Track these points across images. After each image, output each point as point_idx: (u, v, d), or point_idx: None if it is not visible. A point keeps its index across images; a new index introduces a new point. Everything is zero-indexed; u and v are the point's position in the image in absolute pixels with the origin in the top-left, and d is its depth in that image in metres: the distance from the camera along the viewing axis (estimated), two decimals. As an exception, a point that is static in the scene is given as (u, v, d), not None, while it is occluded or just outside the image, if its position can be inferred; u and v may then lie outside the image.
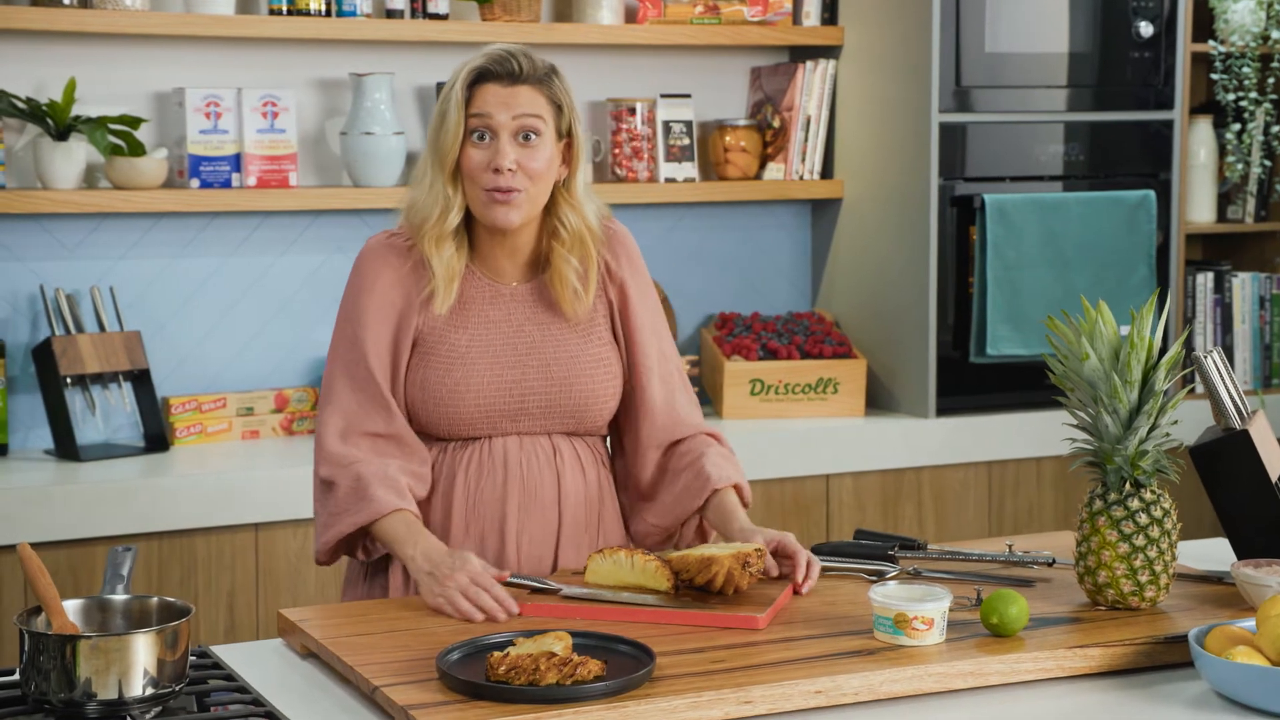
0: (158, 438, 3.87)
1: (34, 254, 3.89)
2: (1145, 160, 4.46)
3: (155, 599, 2.06)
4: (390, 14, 4.09)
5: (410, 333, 2.61)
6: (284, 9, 3.97)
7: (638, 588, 2.43)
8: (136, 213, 3.93)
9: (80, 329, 3.86)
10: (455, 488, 2.63)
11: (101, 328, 3.88)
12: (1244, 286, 4.68)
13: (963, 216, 4.28)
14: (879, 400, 4.41)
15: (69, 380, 3.80)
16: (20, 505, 3.48)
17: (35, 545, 3.46)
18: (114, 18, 3.80)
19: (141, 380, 3.90)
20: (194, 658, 2.19)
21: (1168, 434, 2.39)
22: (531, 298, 2.65)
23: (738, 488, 2.67)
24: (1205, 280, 4.65)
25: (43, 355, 3.80)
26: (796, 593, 2.49)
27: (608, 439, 2.78)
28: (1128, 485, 2.39)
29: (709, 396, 4.41)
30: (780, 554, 2.53)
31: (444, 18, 4.13)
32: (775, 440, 4.12)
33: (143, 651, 1.93)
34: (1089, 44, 4.37)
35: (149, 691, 1.94)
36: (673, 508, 2.69)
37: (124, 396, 3.89)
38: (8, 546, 3.46)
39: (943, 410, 4.28)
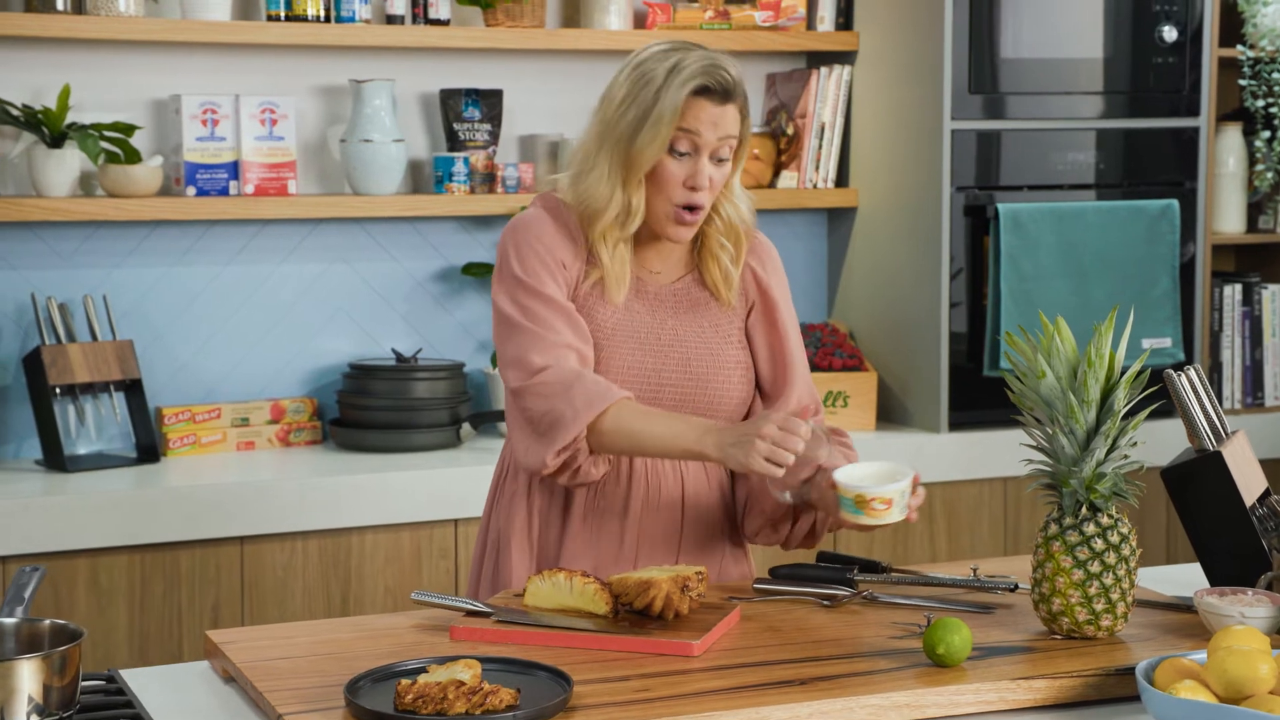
0: (149, 449, 3.83)
1: (28, 262, 3.87)
2: (1170, 169, 4.33)
3: (48, 622, 2.00)
4: (391, 19, 4.04)
5: (569, 290, 2.56)
6: (282, 15, 3.92)
7: (577, 611, 2.35)
8: (131, 221, 3.90)
9: (73, 338, 3.83)
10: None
11: (94, 337, 3.84)
12: (1274, 299, 4.54)
13: (977, 226, 4.18)
14: (891, 414, 4.31)
15: (58, 390, 3.77)
16: (3, 516, 3.44)
17: (15, 557, 3.44)
18: (109, 24, 3.77)
19: (134, 390, 3.86)
20: (100, 682, 2.13)
21: (1126, 456, 2.29)
22: (674, 296, 2.63)
23: None
24: (1233, 292, 4.51)
25: (32, 365, 3.77)
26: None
27: None
28: (1084, 509, 2.29)
29: (717, 409, 4.33)
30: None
31: (445, 23, 4.07)
32: (781, 454, 4.02)
33: (27, 678, 1.87)
34: (1111, 49, 4.25)
35: (33, 719, 1.88)
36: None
37: (115, 407, 3.85)
38: (-11, 558, 3.43)
39: (955, 425, 4.17)
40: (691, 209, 2.53)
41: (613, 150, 2.53)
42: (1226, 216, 4.55)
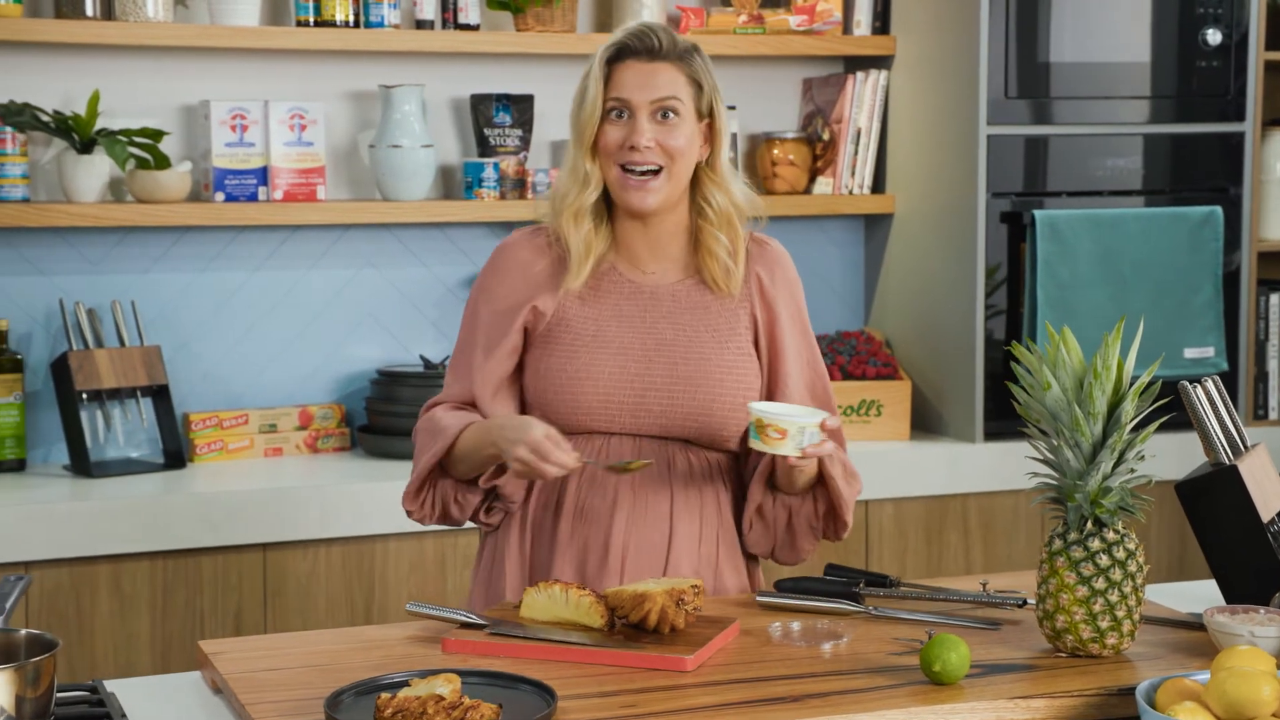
0: (176, 455, 3.83)
1: (57, 268, 3.87)
2: (1214, 174, 4.25)
3: (24, 632, 1.98)
4: (420, 25, 4.01)
5: (533, 318, 2.59)
6: (311, 21, 3.91)
7: (572, 624, 2.32)
8: (160, 226, 3.89)
9: (100, 344, 3.83)
10: (566, 491, 2.57)
11: (122, 343, 3.84)
12: (1322, 308, 4.44)
13: (1014, 233, 4.11)
14: (926, 423, 4.25)
15: (85, 396, 3.77)
16: (26, 522, 3.45)
17: (39, 563, 3.44)
18: (138, 30, 3.77)
19: (161, 396, 3.86)
20: (84, 692, 2.11)
21: (1134, 470, 2.23)
22: (672, 298, 2.60)
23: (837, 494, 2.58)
24: (1279, 301, 4.41)
25: (60, 370, 3.77)
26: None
27: (734, 464, 2.65)
28: (1089, 524, 2.23)
29: (749, 417, 4.29)
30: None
31: (475, 28, 4.05)
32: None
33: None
34: (1153, 53, 4.17)
35: (5, 729, 1.86)
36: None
37: (142, 412, 3.85)
38: (13, 564, 3.43)
39: (990, 435, 4.10)
40: (638, 172, 2.52)
41: (571, 131, 2.60)
42: (1272, 223, 4.45)
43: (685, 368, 2.55)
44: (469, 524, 2.66)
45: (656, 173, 2.53)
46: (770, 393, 2.62)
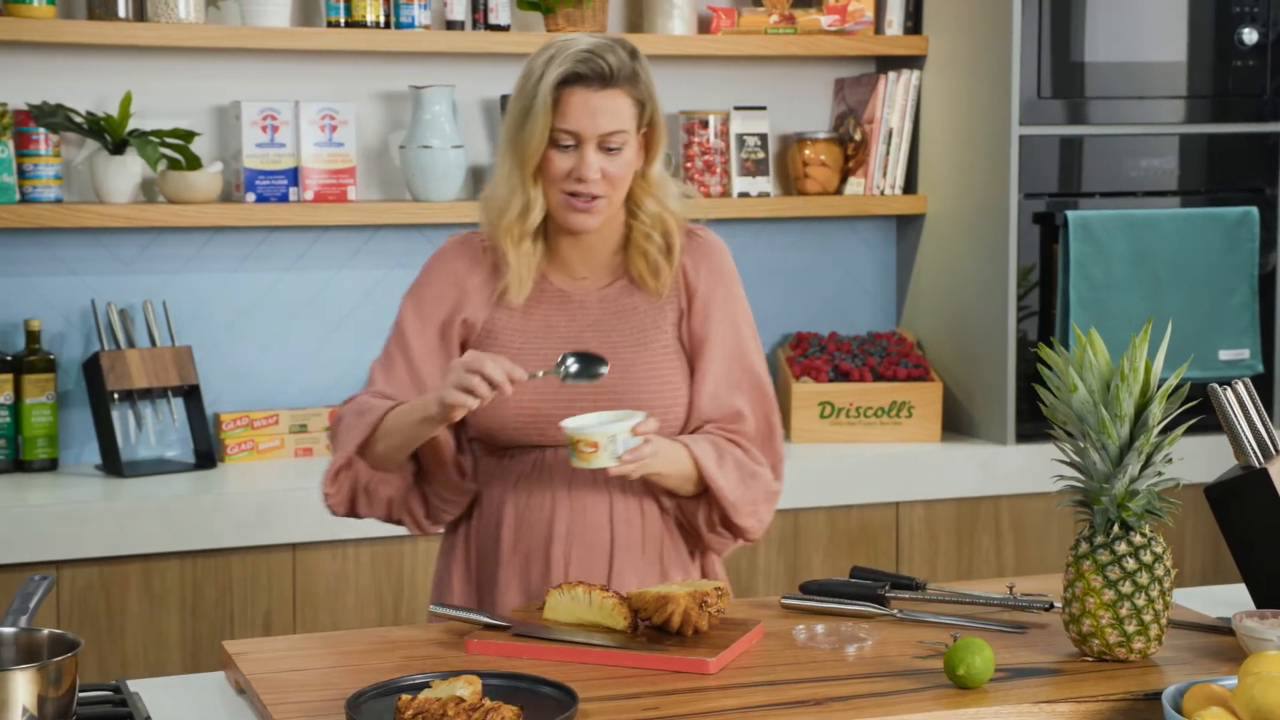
0: (207, 455, 3.84)
1: (89, 268, 3.89)
2: (1250, 174, 4.22)
3: (46, 632, 1.98)
4: (450, 25, 4.01)
5: (463, 330, 2.56)
6: (341, 21, 3.91)
7: (595, 625, 2.31)
8: (191, 227, 3.90)
9: (132, 344, 3.84)
10: (505, 504, 2.55)
11: (153, 343, 3.86)
12: (1359, 309, 4.40)
13: (1047, 234, 4.09)
14: (957, 425, 4.23)
15: (116, 396, 3.78)
16: (57, 521, 3.46)
17: (69, 562, 3.45)
18: (170, 31, 3.77)
19: (192, 396, 3.87)
20: (108, 692, 2.12)
21: (1161, 473, 2.21)
22: (600, 305, 2.57)
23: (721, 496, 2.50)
24: (1316, 302, 4.37)
25: (92, 370, 3.79)
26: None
27: None
28: (1115, 527, 2.21)
29: (780, 419, 4.28)
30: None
31: (505, 29, 4.04)
32: (843, 465, 3.96)
33: (21, 688, 1.86)
34: (1187, 52, 4.14)
35: (26, 729, 1.87)
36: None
37: (173, 412, 3.86)
38: (44, 563, 3.44)
39: (1022, 437, 4.08)
40: (583, 197, 2.47)
41: (508, 148, 2.52)
42: (1310, 224, 4.42)
43: (610, 378, 2.49)
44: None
45: (599, 196, 2.49)
46: (691, 385, 2.56)
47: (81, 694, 2.06)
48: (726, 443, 2.54)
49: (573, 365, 2.41)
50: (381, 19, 3.93)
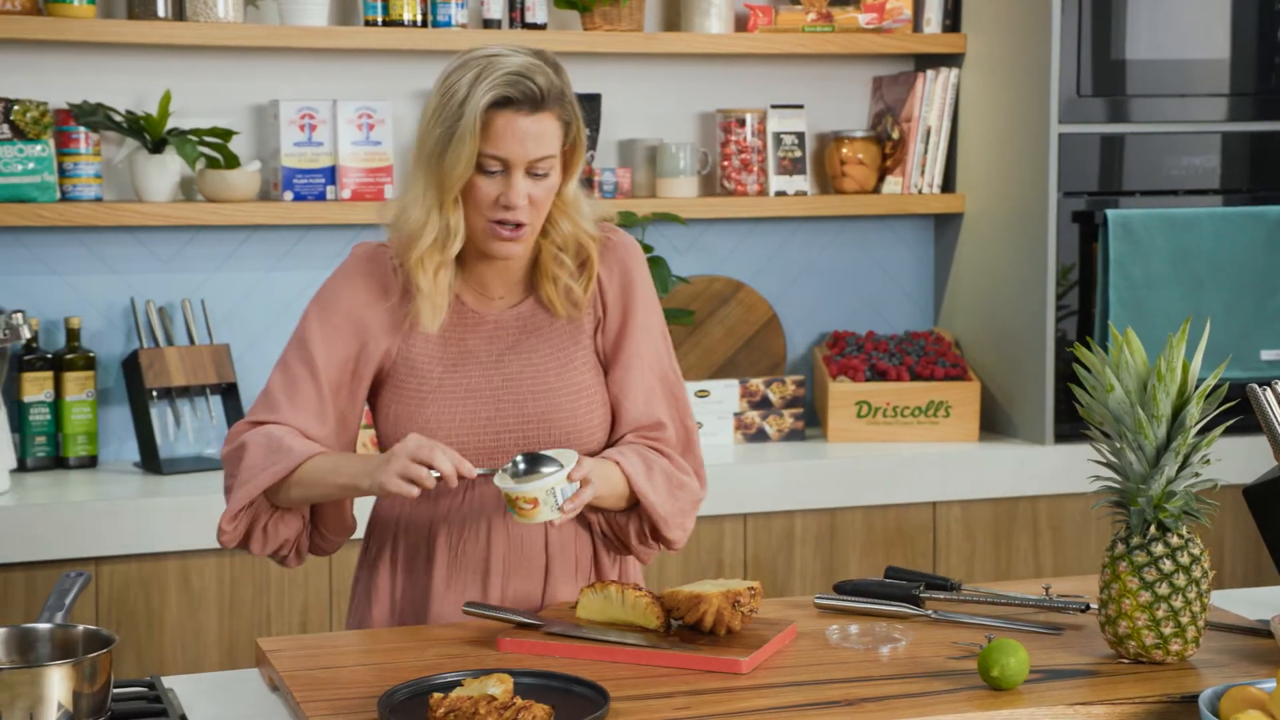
0: (244, 452, 3.85)
1: (129, 266, 3.91)
2: (1292, 173, 4.19)
3: (81, 628, 1.99)
4: (488, 24, 4.02)
5: (374, 358, 2.46)
6: (379, 20, 3.92)
7: (627, 624, 2.31)
8: (229, 225, 3.92)
9: (170, 342, 3.86)
10: (438, 535, 2.49)
11: (192, 341, 3.87)
12: (1402, 308, 4.36)
13: (1086, 233, 4.06)
14: (995, 425, 4.21)
15: (155, 393, 3.80)
16: (96, 518, 3.48)
17: (109, 559, 3.47)
18: (209, 31, 3.79)
19: (230, 394, 3.89)
20: (142, 689, 2.12)
21: (1198, 474, 2.19)
22: (516, 323, 2.49)
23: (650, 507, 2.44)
24: (1358, 301, 4.34)
25: (131, 368, 3.81)
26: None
27: None
28: (1152, 529, 2.20)
29: (817, 418, 4.26)
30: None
31: (542, 27, 4.05)
32: (880, 464, 3.94)
33: (56, 685, 1.87)
34: (1228, 50, 4.11)
35: (61, 725, 1.88)
36: None
37: (211, 410, 3.88)
38: (82, 559, 3.46)
39: (1060, 437, 4.06)
40: (509, 225, 2.37)
41: (425, 170, 2.38)
42: (1352, 223, 4.38)
43: (534, 405, 2.45)
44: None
45: (523, 224, 2.40)
46: (614, 394, 2.50)
47: (116, 690, 2.07)
48: (652, 453, 2.48)
49: (522, 465, 2.30)
50: (419, 18, 3.93)
